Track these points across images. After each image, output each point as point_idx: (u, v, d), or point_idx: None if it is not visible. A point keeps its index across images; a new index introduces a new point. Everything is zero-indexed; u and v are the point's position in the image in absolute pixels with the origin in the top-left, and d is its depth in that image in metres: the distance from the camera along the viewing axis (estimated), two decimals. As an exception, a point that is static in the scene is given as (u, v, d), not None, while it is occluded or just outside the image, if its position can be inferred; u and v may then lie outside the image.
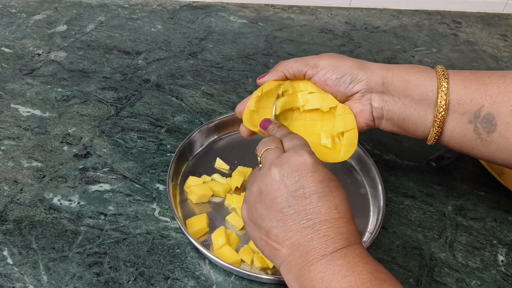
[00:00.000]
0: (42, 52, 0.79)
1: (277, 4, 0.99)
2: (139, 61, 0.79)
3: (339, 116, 0.52)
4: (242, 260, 0.52)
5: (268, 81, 0.53)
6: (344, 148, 0.52)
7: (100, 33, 0.85)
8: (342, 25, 0.96)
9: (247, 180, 0.45)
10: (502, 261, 0.54)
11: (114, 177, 0.59)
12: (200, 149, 0.64)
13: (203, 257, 0.52)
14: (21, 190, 0.57)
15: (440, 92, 0.47)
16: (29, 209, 0.55)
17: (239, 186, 0.59)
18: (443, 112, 0.47)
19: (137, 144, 0.64)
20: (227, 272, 0.51)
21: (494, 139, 0.47)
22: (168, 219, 0.55)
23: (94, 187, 0.58)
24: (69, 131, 0.65)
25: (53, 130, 0.65)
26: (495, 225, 0.58)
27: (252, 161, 0.63)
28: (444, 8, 1.05)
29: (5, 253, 0.50)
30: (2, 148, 0.62)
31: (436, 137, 0.49)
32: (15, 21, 0.86)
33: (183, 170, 0.61)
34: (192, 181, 0.59)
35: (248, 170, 0.61)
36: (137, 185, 0.59)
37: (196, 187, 0.57)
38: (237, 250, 0.52)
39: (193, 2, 0.97)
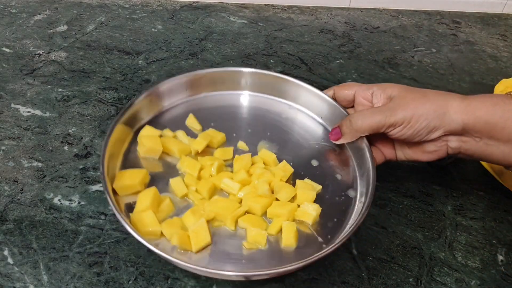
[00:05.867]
0: (43, 52, 0.79)
1: (277, 4, 0.99)
2: (140, 61, 0.79)
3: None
4: (162, 234, 0.45)
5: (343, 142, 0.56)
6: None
7: (101, 33, 0.85)
8: (342, 25, 0.96)
9: None
10: (501, 260, 0.54)
11: (114, 177, 0.60)
12: (179, 102, 0.59)
13: (203, 256, 0.52)
14: (22, 190, 0.57)
15: None
16: (30, 209, 0.55)
17: (200, 151, 0.51)
18: None
19: (137, 144, 0.64)
20: (227, 272, 0.51)
21: None
22: (168, 219, 0.55)
23: (95, 187, 0.58)
24: (70, 131, 0.65)
25: (54, 130, 0.65)
26: (494, 225, 0.58)
27: (229, 128, 0.58)
28: (443, 8, 1.05)
29: (6, 253, 0.50)
30: (3, 148, 0.62)
31: None
32: (16, 21, 0.86)
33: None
34: (147, 131, 0.50)
35: (220, 135, 0.55)
36: (137, 185, 0.59)
37: (147, 139, 0.49)
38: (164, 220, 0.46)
39: (193, 2, 0.97)
